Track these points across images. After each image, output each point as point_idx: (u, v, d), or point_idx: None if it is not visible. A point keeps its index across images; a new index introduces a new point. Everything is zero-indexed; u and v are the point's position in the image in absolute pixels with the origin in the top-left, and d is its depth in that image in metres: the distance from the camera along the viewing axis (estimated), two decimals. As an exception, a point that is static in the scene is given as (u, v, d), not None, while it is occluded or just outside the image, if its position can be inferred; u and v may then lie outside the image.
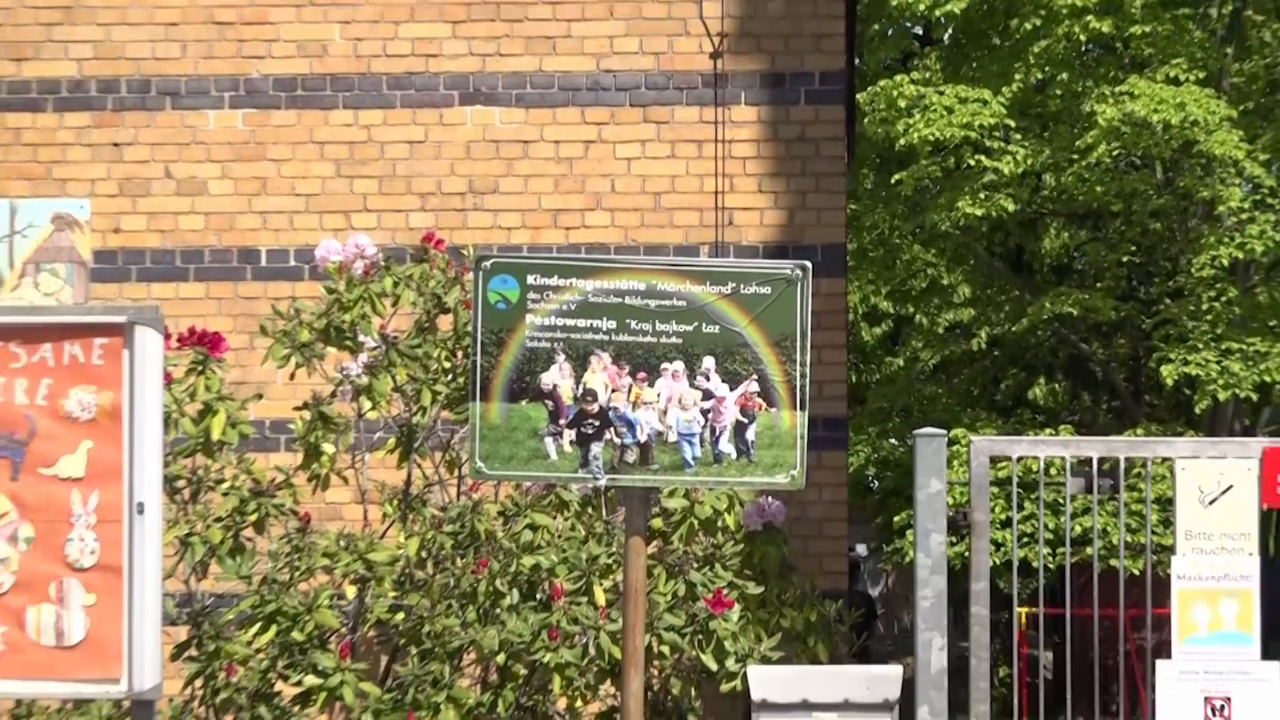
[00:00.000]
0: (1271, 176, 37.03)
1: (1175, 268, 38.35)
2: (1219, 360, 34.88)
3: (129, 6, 18.90)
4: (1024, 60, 37.41)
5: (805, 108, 18.79)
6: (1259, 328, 35.45)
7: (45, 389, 11.44)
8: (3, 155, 18.88)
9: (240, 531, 13.38)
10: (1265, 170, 36.11)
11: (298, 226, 18.22)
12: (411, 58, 18.83)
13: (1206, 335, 35.71)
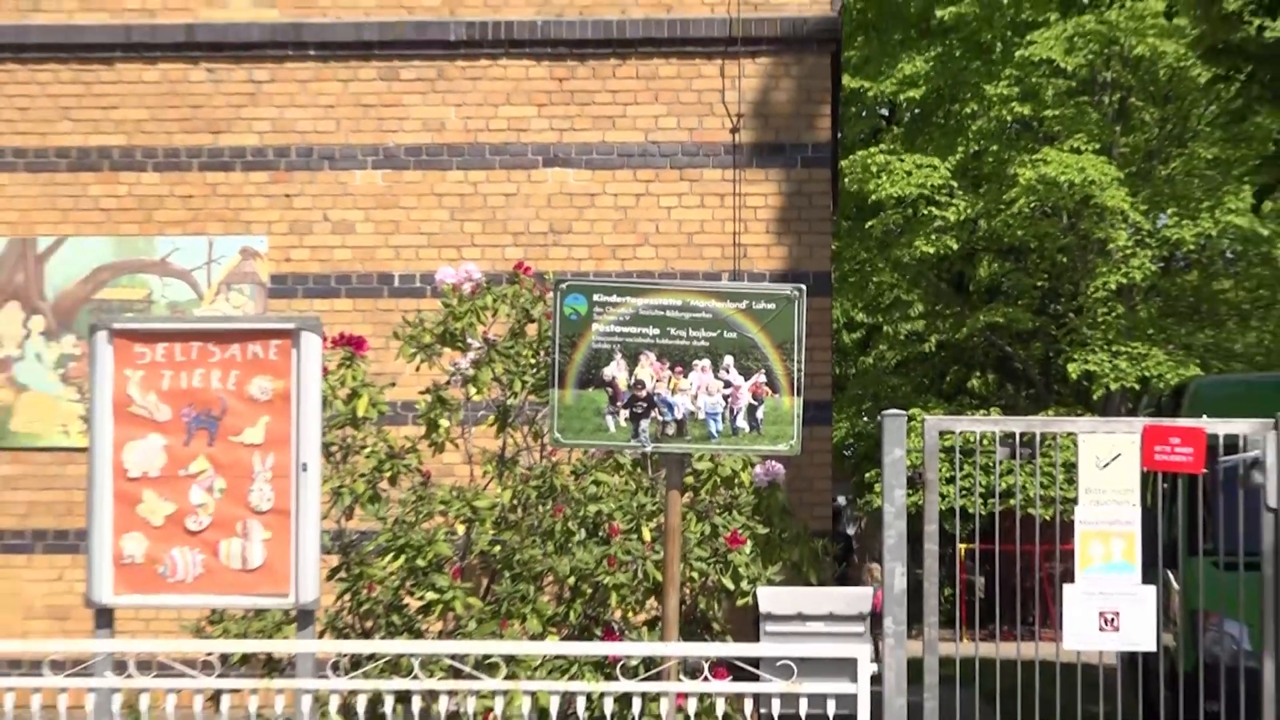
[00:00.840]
0: (1149, 222, 37.23)
1: (1077, 290, 38.61)
2: (1110, 360, 35.31)
3: (297, 92, 18.85)
4: (964, 135, 37.65)
5: (801, 170, 18.73)
6: (1139, 335, 36.18)
7: (234, 377, 11.43)
8: (203, 204, 18.85)
9: (378, 484, 13.35)
10: (1144, 218, 36.59)
11: (422, 257, 18.17)
12: (507, 131, 18.78)
13: (1100, 341, 36.26)
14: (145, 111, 18.97)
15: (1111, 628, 11.65)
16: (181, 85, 18.99)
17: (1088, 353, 36.79)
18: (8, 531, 18.71)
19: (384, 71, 18.94)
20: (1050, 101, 37.49)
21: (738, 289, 12.41)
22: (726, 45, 18.70)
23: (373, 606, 13.14)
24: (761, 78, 18.76)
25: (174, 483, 11.73)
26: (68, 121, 19.03)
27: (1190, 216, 38.05)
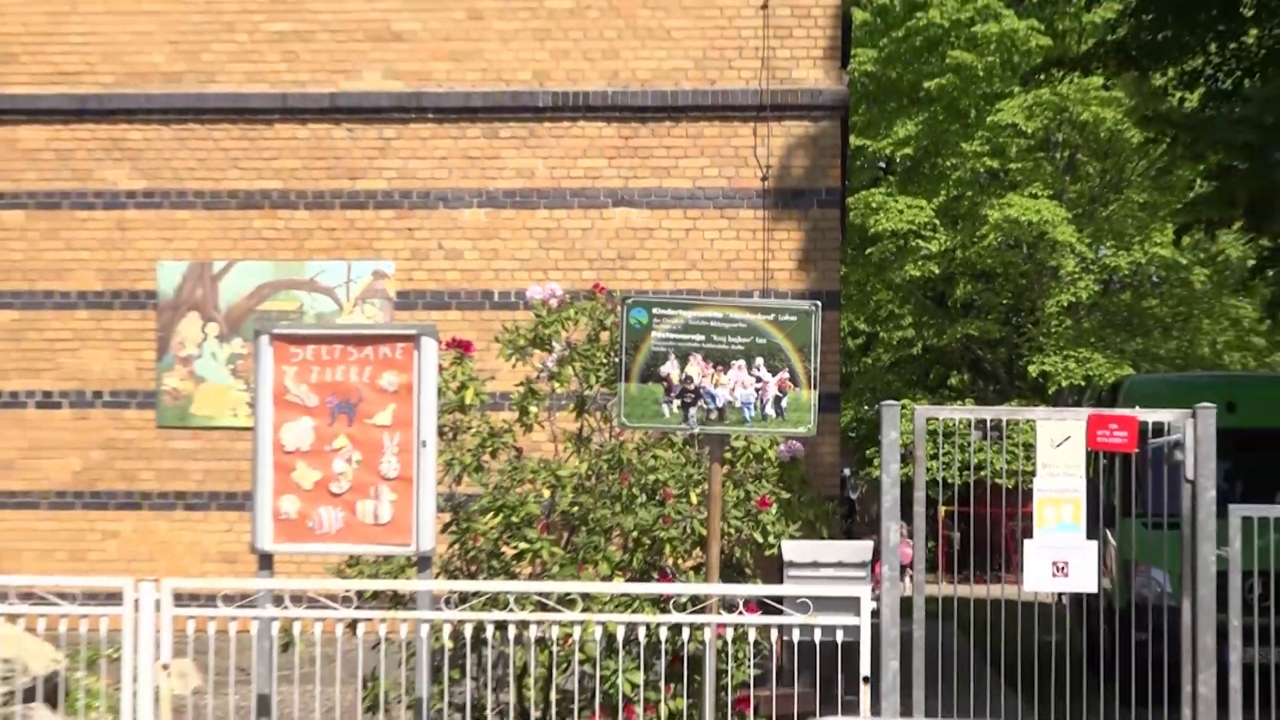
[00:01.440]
0: (1091, 253, 37.47)
1: (1034, 307, 38.90)
2: (1061, 362, 35.53)
3: (418, 147, 18.85)
4: (945, 182, 37.91)
5: (816, 210, 18.70)
6: (1084, 343, 36.86)
7: (368, 373, 11.44)
8: (343, 235, 18.87)
9: (481, 457, 13.36)
10: (1087, 249, 37.15)
11: (516, 278, 18.16)
12: (584, 178, 18.76)
13: (1053, 347, 36.73)
14: (298, 161, 19.02)
15: (1062, 574, 11.62)
16: (326, 141, 19.03)
17: (1043, 357, 37.11)
18: (189, 493, 18.81)
19: (486, 131, 18.95)
20: (1014, 157, 37.76)
21: (766, 304, 12.43)
22: (758, 112, 18.68)
23: (476, 554, 13.16)
24: (785, 137, 18.74)
25: (320, 456, 11.79)
26: (236, 169, 19.08)
27: (1125, 248, 38.38)
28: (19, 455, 19.05)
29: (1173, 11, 20.55)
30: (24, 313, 19.12)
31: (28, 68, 19.23)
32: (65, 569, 18.17)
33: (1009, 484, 15.80)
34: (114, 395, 19.03)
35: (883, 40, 39.33)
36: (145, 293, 19.07)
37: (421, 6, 18.99)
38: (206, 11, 19.12)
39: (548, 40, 18.91)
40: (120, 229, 19.12)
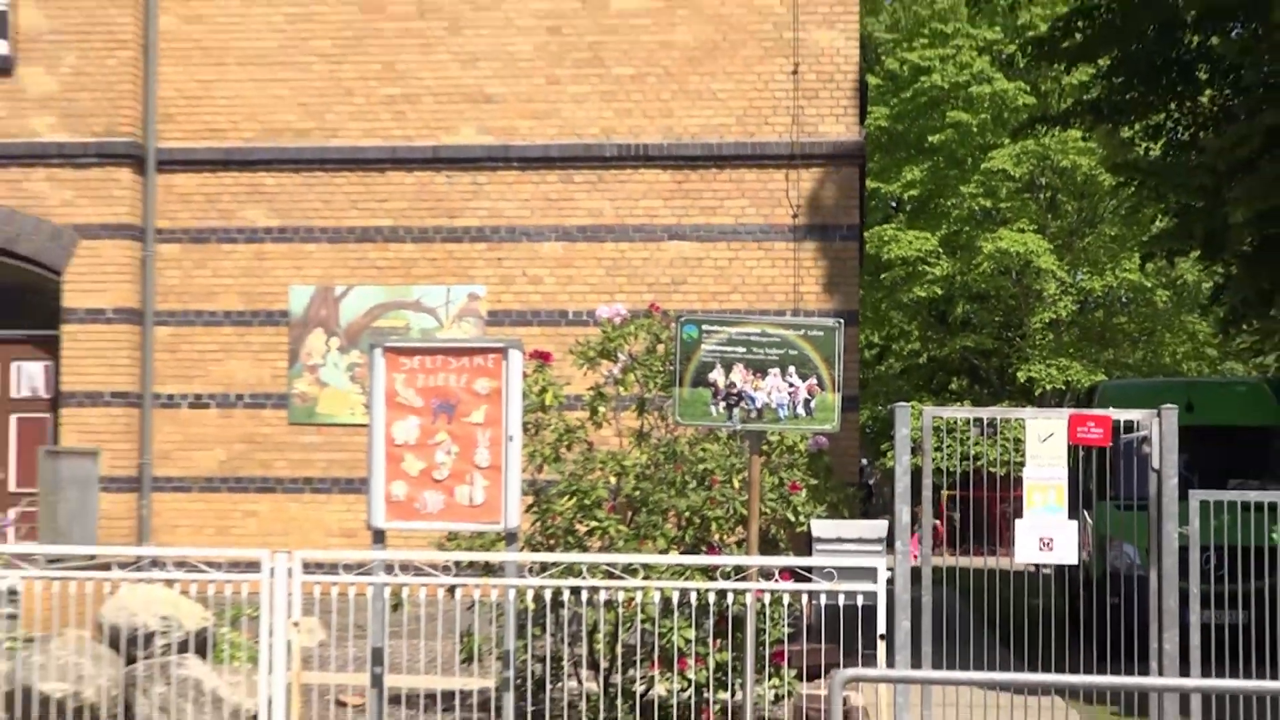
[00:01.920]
0: (1070, 278, 37.49)
1: (1022, 323, 38.48)
2: (1045, 369, 35.28)
3: (505, 191, 18.86)
4: (946, 219, 37.87)
5: (839, 243, 18.64)
6: (1064, 353, 36.67)
7: (465, 379, 11.43)
8: (443, 264, 18.91)
9: (558, 450, 13.35)
10: (1066, 274, 36.89)
11: (587, 299, 18.12)
12: (644, 216, 18.73)
13: (1038, 357, 36.17)
14: (405, 203, 19.05)
15: (1047, 548, 11.54)
16: (429, 186, 19.06)
17: (1030, 365, 37.01)
18: (315, 479, 18.86)
19: (562, 177, 18.94)
20: (1004, 197, 37.65)
21: (796, 322, 12.39)
22: (789, 160, 18.63)
23: (554, 531, 13.13)
24: (812, 181, 18.68)
25: (424, 448, 11.78)
26: (354, 209, 19.12)
27: (1098, 274, 38.33)
28: (174, 447, 19.18)
29: (1138, 75, 20.50)
30: (179, 329, 19.23)
31: (182, 126, 19.34)
32: (213, 542, 18.26)
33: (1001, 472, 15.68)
34: (253, 398, 19.12)
35: (893, 100, 39.23)
36: (279, 312, 19.15)
37: (508, 73, 19.02)
38: (329, 78, 19.20)
39: (613, 101, 18.92)
40: (258, 259, 19.21)
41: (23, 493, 18.56)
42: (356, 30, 19.17)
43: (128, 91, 19.13)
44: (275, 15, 19.25)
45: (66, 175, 19.02)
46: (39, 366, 19.32)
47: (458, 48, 19.09)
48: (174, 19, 19.31)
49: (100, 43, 19.08)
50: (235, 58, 19.29)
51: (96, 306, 18.96)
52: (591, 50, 18.96)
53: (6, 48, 19.15)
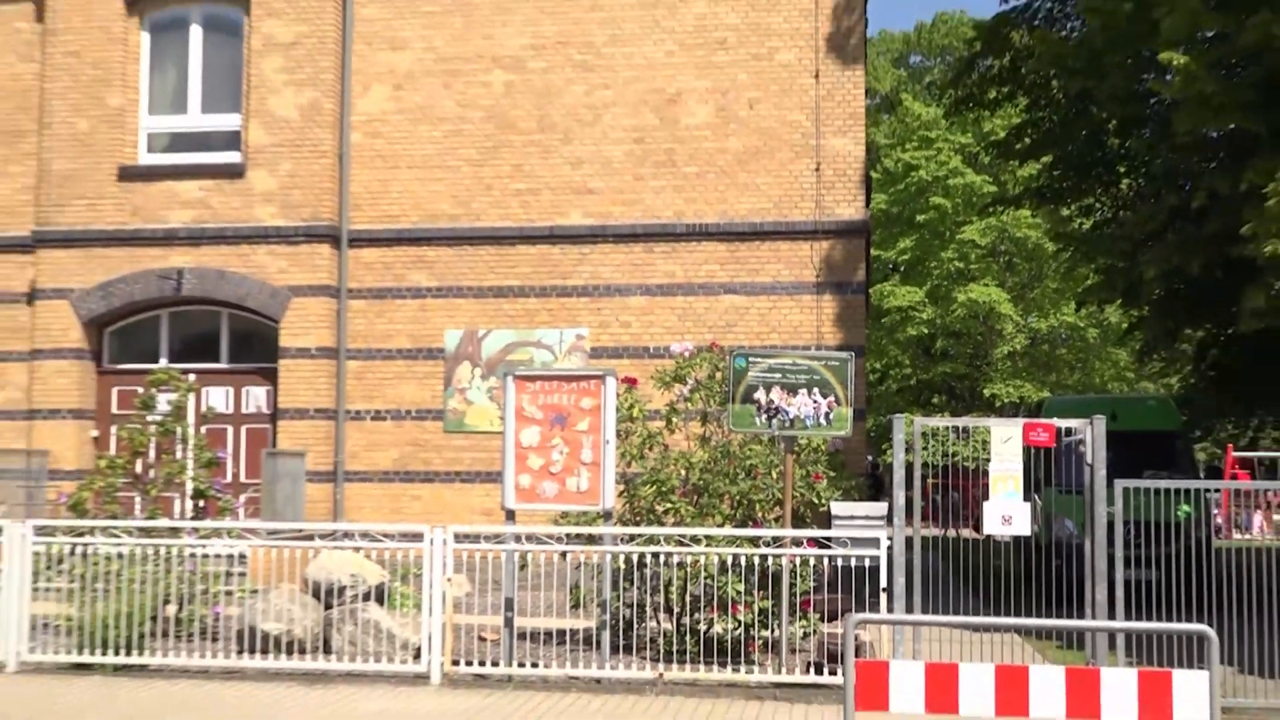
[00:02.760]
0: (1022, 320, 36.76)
1: (987, 354, 37.83)
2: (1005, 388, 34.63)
3: (603, 259, 18.87)
4: (930, 276, 37.32)
5: (850, 295, 18.51)
6: (1019, 376, 35.38)
7: (573, 398, 11.43)
8: (557, 313, 18.91)
9: (642, 450, 13.31)
10: (1020, 318, 36.10)
11: (663, 338, 18.03)
12: (705, 277, 18.66)
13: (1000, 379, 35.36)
14: (530, 268, 19.08)
15: (1008, 524, 11.38)
16: (547, 255, 19.08)
17: (993, 385, 36.72)
18: (463, 472, 18.89)
19: (645, 248, 18.91)
20: (973, 260, 37.53)
21: (819, 355, 12.33)
22: (813, 234, 18.53)
23: (639, 510, 13.08)
24: (830, 250, 18.58)
25: (544, 450, 11.79)
26: (492, 273, 19.17)
27: (1044, 317, 37.90)
28: (361, 449, 19.28)
29: (1073, 169, 20.44)
30: (365, 363, 19.35)
31: (367, 213, 19.48)
32: (388, 519, 18.32)
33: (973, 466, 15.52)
34: (418, 412, 19.20)
35: (890, 189, 39.24)
36: (437, 349, 19.24)
37: (605, 172, 19.04)
38: (474, 177, 19.29)
39: (682, 192, 18.90)
40: (421, 310, 19.30)
41: (249, 483, 18.75)
42: (494, 142, 19.28)
43: (328, 189, 19.31)
44: (434, 131, 19.39)
45: (282, 250, 19.22)
46: (262, 390, 19.51)
47: (568, 154, 19.15)
48: (361, 135, 19.49)
49: (308, 153, 19.29)
50: (405, 163, 19.44)
51: (304, 346, 19.12)
52: (666, 154, 18.97)
53: (240, 157, 19.41)
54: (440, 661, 11.44)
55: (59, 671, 11.82)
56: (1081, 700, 9.07)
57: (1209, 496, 13.97)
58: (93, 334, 19.69)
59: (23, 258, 19.88)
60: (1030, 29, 20.51)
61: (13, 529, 12.20)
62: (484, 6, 19.36)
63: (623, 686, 11.18)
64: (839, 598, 12.18)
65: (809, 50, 18.76)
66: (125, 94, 19.66)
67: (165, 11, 19.86)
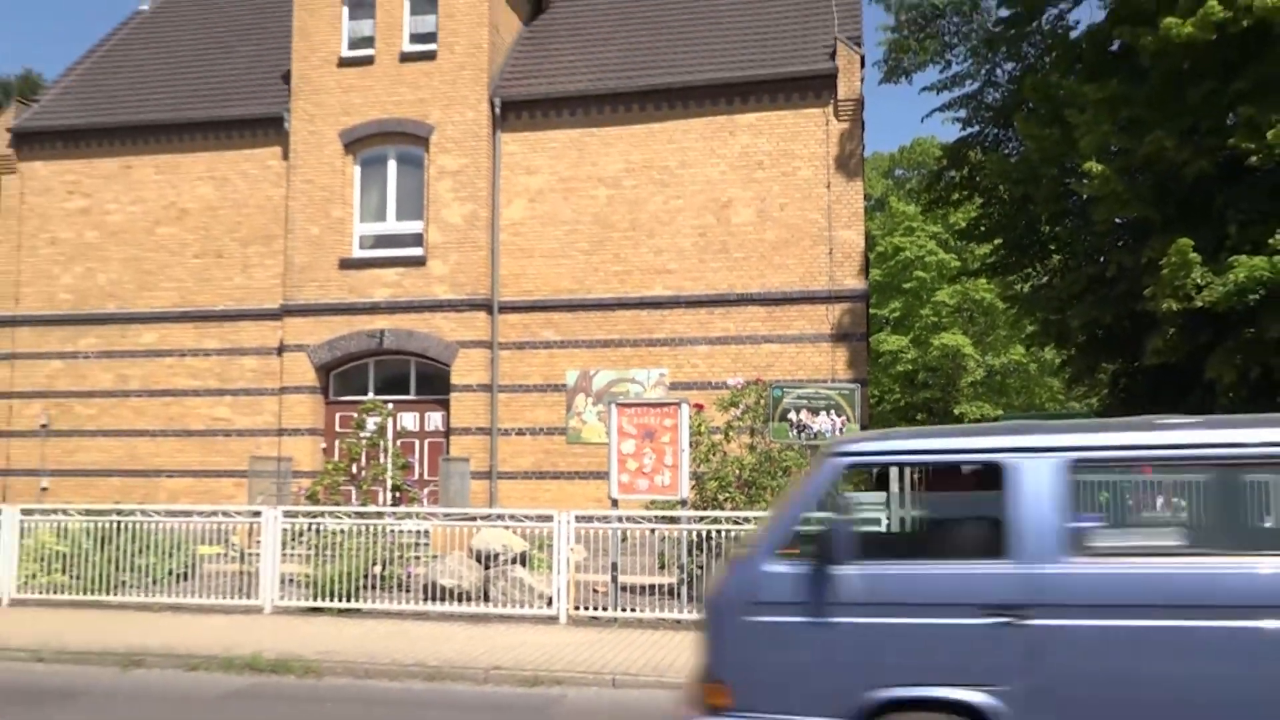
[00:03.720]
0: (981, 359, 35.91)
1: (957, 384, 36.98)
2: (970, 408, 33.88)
3: (676, 320, 18.81)
4: (913, 328, 36.43)
5: (855, 343, 18.27)
6: (980, 399, 34.48)
7: (658, 419, 11.39)
8: (646, 358, 18.91)
9: (708, 455, 13.23)
10: (980, 357, 35.10)
11: (721, 375, 17.94)
12: (750, 333, 18.51)
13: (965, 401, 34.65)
14: (626, 326, 19.08)
15: (974, 507, 11.21)
16: (638, 318, 19.05)
17: (961, 406, 35.78)
18: (580, 472, 18.82)
19: (707, 312, 18.75)
20: (944, 315, 36.62)
21: (833, 385, 12.23)
22: (827, 299, 18.31)
23: (706, 499, 13.02)
24: (840, 313, 18.35)
25: (637, 456, 11.76)
26: (599, 330, 19.13)
27: (997, 356, 36.94)
28: (508, 456, 19.34)
29: (1017, 249, 20.12)
30: (510, 394, 19.46)
31: (511, 289, 19.63)
32: (528, 505, 18.39)
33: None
34: (547, 430, 19.26)
35: (884, 265, 38.75)
36: (561, 385, 19.29)
37: (678, 257, 19.01)
38: (585, 263, 19.37)
39: (734, 270, 18.83)
40: (549, 357, 19.38)
41: (430, 480, 18.90)
42: (600, 238, 19.37)
43: (484, 272, 19.51)
44: (557, 231, 19.53)
45: (452, 315, 19.43)
46: (439, 415, 19.69)
47: (652, 245, 19.20)
48: (506, 234, 19.67)
49: (470, 248, 19.53)
50: (537, 253, 19.59)
51: (468, 383, 19.30)
52: (721, 244, 18.95)
53: (422, 251, 19.67)
54: (566, 607, 11.45)
55: (300, 614, 12.00)
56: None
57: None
58: (322, 376, 20.03)
59: (274, 323, 20.31)
60: (983, 149, 20.34)
61: (268, 513, 12.45)
62: (592, 143, 19.52)
63: (696, 625, 11.12)
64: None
65: (822, 168, 18.69)
66: (344, 208, 20.05)
67: (371, 151, 20.23)
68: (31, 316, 21.37)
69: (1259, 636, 4.60)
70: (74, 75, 23.34)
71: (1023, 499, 4.99)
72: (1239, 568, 4.82)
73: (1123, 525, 5.73)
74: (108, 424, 20.86)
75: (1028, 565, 4.90)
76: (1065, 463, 5.04)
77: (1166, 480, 6.97)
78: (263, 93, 21.24)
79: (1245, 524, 5.84)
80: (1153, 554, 5.24)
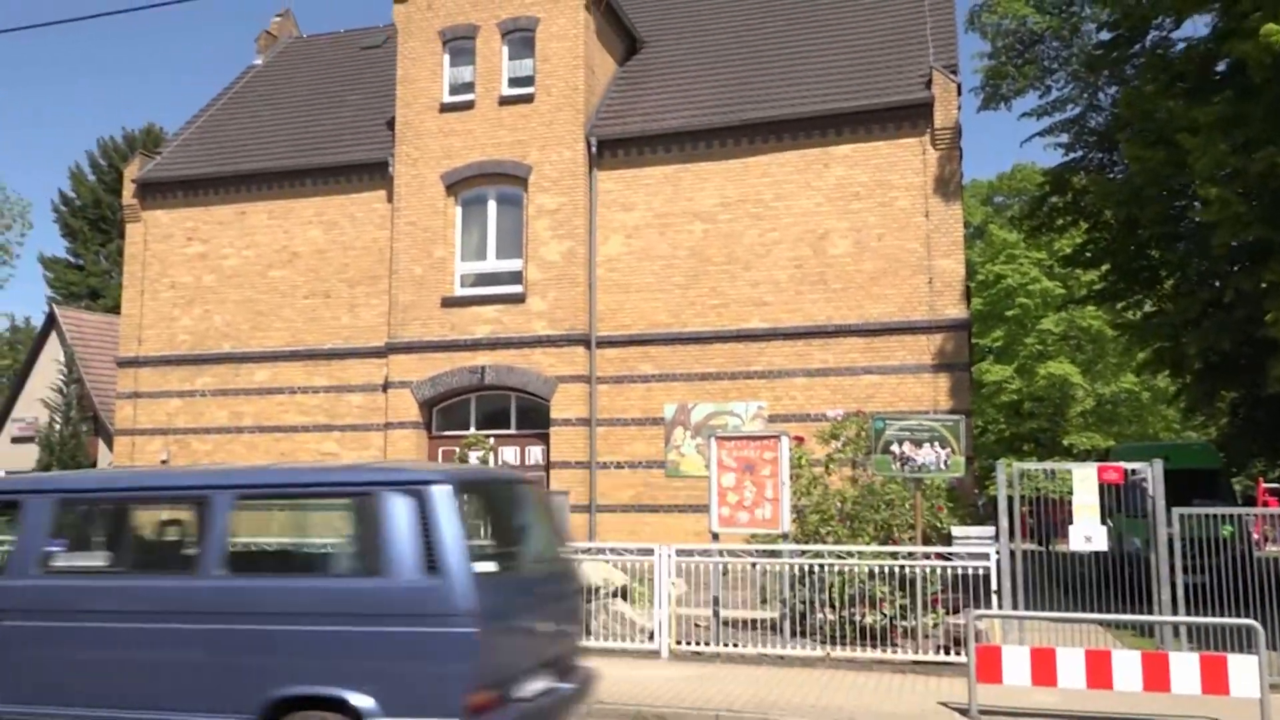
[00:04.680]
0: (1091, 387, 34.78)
1: (1065, 413, 35.89)
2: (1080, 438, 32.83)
3: (775, 354, 18.70)
4: (1017, 357, 35.47)
5: (958, 373, 17.88)
6: (1089, 429, 33.43)
7: (758, 452, 11.31)
8: (744, 391, 18.80)
9: (809, 488, 13.08)
10: (1089, 385, 33.91)
11: (821, 406, 17.77)
12: (850, 363, 18.27)
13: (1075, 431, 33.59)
14: (723, 359, 18.99)
15: (1089, 542, 10.79)
16: (736, 350, 18.94)
17: (1071, 436, 34.77)
18: (679, 505, 18.75)
19: (805, 343, 18.54)
20: (1049, 344, 35.62)
21: (937, 417, 11.97)
22: (928, 329, 17.97)
23: (808, 532, 12.86)
24: (941, 342, 17.99)
25: (738, 489, 11.68)
26: (698, 364, 19.09)
27: (1108, 385, 35.73)
28: (608, 489, 19.36)
29: (1125, 275, 19.50)
30: (609, 428, 19.50)
31: (608, 324, 19.73)
32: (628, 539, 18.36)
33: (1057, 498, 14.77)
34: (646, 463, 19.24)
35: (985, 293, 37.93)
36: (659, 418, 19.27)
37: (775, 290, 18.90)
38: (681, 297, 19.40)
39: (832, 302, 18.64)
40: (647, 391, 19.40)
41: (532, 513, 19.06)
42: (696, 272, 19.39)
43: (581, 308, 19.68)
44: (654, 266, 19.61)
45: (551, 351, 19.62)
46: (539, 449, 19.85)
47: (748, 278, 19.14)
48: (603, 270, 19.84)
49: (568, 284, 19.73)
50: (634, 288, 19.69)
51: (567, 417, 19.44)
52: (819, 276, 18.79)
53: (522, 289, 19.94)
54: (668, 641, 11.39)
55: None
56: (1155, 677, 8.50)
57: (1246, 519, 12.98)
58: (425, 411, 20.41)
59: (379, 361, 20.81)
60: (1086, 174, 19.84)
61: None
62: (687, 178, 19.62)
63: (799, 661, 10.95)
64: (959, 597, 11.69)
65: (920, 197, 18.43)
66: (446, 248, 20.50)
67: (471, 192, 20.64)
68: (153, 357, 22.30)
69: (127, 632, 6.35)
70: (193, 128, 24.44)
71: (25, 529, 6.79)
72: (124, 584, 6.61)
73: (84, 549, 7.28)
74: (223, 459, 21.60)
75: (11, 580, 6.75)
76: (55, 500, 6.88)
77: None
78: (368, 139, 21.94)
79: (155, 550, 7.29)
80: (82, 573, 6.89)
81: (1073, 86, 20.44)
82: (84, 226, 46.49)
